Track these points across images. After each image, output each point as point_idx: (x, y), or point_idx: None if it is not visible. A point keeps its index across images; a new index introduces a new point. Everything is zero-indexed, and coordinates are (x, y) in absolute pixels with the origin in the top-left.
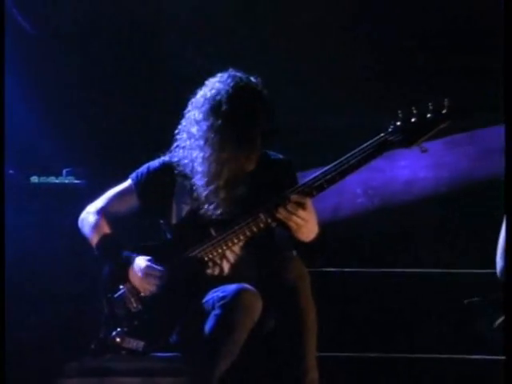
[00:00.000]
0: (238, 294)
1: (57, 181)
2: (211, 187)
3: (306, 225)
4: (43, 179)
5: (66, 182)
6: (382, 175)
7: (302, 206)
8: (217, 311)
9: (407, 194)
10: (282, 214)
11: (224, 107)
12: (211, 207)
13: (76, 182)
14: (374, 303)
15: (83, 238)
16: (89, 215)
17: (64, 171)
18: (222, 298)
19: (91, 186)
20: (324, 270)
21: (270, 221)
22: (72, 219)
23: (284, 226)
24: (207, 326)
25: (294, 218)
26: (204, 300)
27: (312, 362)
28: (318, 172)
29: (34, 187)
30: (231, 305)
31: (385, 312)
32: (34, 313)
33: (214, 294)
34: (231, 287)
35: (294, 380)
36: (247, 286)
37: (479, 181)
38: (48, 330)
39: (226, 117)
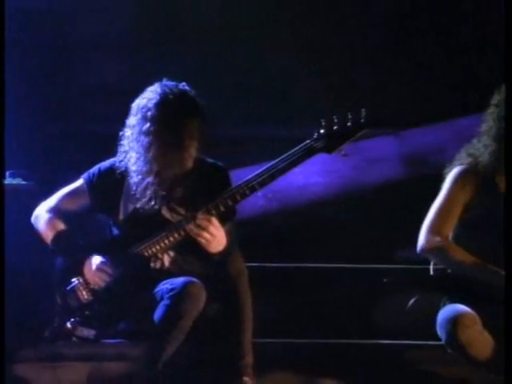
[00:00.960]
0: (186, 286)
1: (6, 182)
2: (143, 184)
3: (215, 239)
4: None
5: (14, 183)
6: (280, 180)
7: (209, 224)
8: (166, 301)
9: (301, 197)
10: (192, 231)
11: (151, 112)
12: (151, 206)
13: (23, 183)
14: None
15: (37, 234)
16: (42, 213)
17: (7, 173)
18: (171, 289)
19: (37, 186)
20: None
21: (183, 235)
22: (21, 217)
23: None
24: (157, 315)
25: (204, 234)
26: (154, 291)
27: (248, 347)
28: (250, 175)
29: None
30: (179, 296)
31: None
32: None
33: (164, 286)
34: (179, 280)
35: (231, 363)
36: (194, 279)
37: (365, 186)
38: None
39: (153, 120)
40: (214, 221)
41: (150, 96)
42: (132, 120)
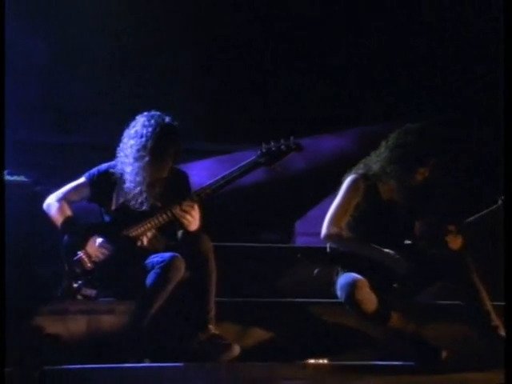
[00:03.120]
0: (172, 259)
1: (11, 178)
2: (136, 190)
3: (194, 220)
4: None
5: (21, 179)
6: None
7: (191, 208)
8: (157, 270)
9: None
10: (178, 213)
11: (145, 138)
12: (138, 202)
13: (25, 179)
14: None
15: (48, 218)
16: (53, 202)
17: (5, 172)
18: (161, 261)
19: (35, 182)
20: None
21: (171, 217)
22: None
23: (179, 222)
24: (149, 280)
25: (187, 216)
26: (144, 262)
27: (212, 304)
28: (210, 180)
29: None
30: (167, 266)
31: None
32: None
33: (154, 259)
34: (166, 254)
35: (200, 315)
36: (177, 254)
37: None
38: (20, 281)
39: (146, 145)
40: (196, 206)
41: (144, 124)
42: (129, 140)
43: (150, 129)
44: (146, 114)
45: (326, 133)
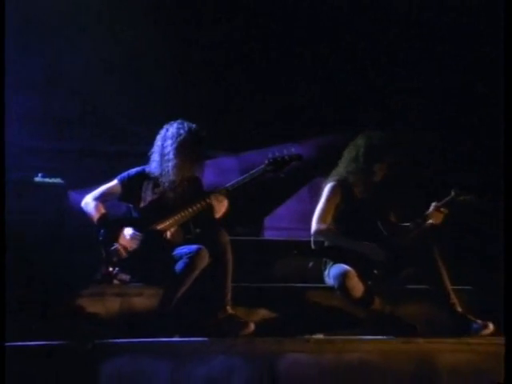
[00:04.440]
0: (198, 250)
1: (50, 180)
2: (166, 188)
3: (223, 209)
4: (41, 179)
5: (56, 181)
6: None
7: (223, 199)
8: (185, 259)
9: None
10: (213, 202)
11: (176, 145)
12: (166, 199)
13: (60, 181)
14: None
15: (86, 214)
16: (90, 201)
17: (39, 174)
18: (189, 252)
19: (68, 184)
20: None
21: (204, 206)
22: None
23: (211, 209)
24: (177, 267)
25: (219, 204)
26: (173, 253)
27: (229, 288)
28: (233, 181)
29: (38, 184)
30: (194, 256)
31: None
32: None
33: (182, 250)
34: (193, 247)
35: (218, 298)
36: (202, 246)
37: None
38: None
39: (177, 150)
40: (225, 198)
41: (174, 131)
42: (161, 146)
43: (179, 136)
44: (175, 122)
45: (290, 141)
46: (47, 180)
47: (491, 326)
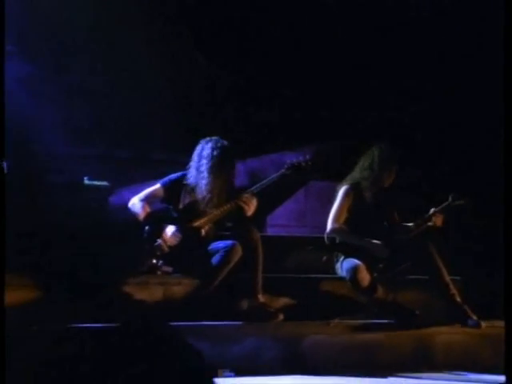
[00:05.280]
0: (234, 245)
1: (97, 183)
2: (203, 194)
3: (252, 208)
4: (91, 182)
5: (102, 183)
6: None
7: (252, 199)
8: (221, 253)
9: None
10: (244, 201)
11: (216, 161)
12: (203, 202)
13: (106, 184)
14: None
15: (133, 214)
16: (136, 202)
17: (85, 178)
18: (225, 247)
19: (113, 186)
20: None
21: (233, 206)
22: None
23: (242, 209)
24: (214, 260)
25: (249, 204)
26: (210, 247)
27: (260, 278)
28: (256, 185)
29: (87, 186)
30: (230, 250)
31: None
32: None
33: (219, 245)
34: (229, 242)
35: (251, 287)
36: (236, 242)
37: None
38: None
39: (215, 164)
40: (254, 198)
41: (208, 147)
42: (199, 159)
43: (212, 157)
44: (210, 141)
45: (288, 149)
46: (95, 182)
47: (483, 325)
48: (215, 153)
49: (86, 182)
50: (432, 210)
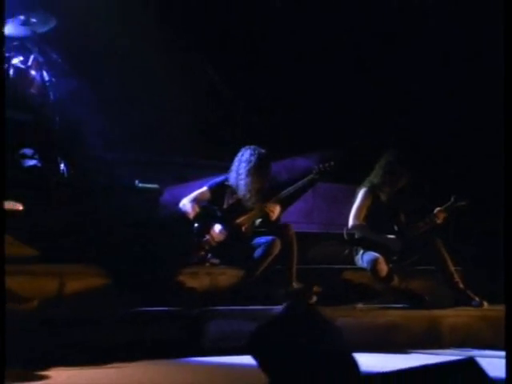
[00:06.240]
0: (274, 240)
1: (148, 185)
2: (244, 196)
3: (276, 214)
4: (143, 184)
5: (154, 186)
6: None
7: (275, 207)
8: (263, 247)
9: None
10: (269, 209)
11: (251, 164)
12: (244, 203)
13: (157, 186)
14: None
15: (184, 213)
16: (187, 202)
17: (137, 181)
18: (266, 242)
19: (162, 189)
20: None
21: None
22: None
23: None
24: (257, 253)
25: (274, 211)
26: (253, 242)
27: (295, 268)
28: (286, 190)
29: (139, 189)
30: (270, 245)
31: None
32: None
33: (260, 240)
34: (269, 237)
35: (287, 275)
36: (276, 237)
37: None
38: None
39: (251, 169)
40: (278, 205)
41: (248, 159)
42: (240, 165)
43: (250, 162)
44: (249, 148)
45: (299, 155)
46: (147, 185)
47: (486, 304)
48: (253, 158)
49: (139, 185)
50: (437, 210)
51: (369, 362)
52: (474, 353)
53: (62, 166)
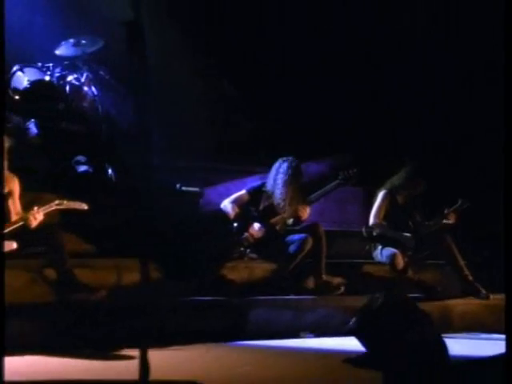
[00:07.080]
0: (306, 237)
1: (190, 189)
2: (279, 201)
3: (306, 216)
4: (186, 188)
5: (196, 189)
6: None
7: (306, 209)
8: (297, 243)
9: None
10: (300, 211)
11: (289, 176)
12: (279, 206)
13: (198, 190)
14: None
15: (225, 214)
16: (228, 204)
17: (178, 185)
18: (299, 239)
19: (203, 192)
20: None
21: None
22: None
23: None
24: (291, 249)
25: (305, 213)
26: (287, 239)
27: (324, 263)
28: (314, 193)
29: (182, 192)
30: (303, 241)
31: None
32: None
33: (294, 237)
34: (302, 235)
35: (317, 269)
36: (308, 235)
37: None
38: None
39: (288, 178)
40: (307, 208)
41: (286, 170)
42: (276, 174)
43: (287, 174)
44: (286, 160)
45: (311, 160)
46: (190, 189)
47: (491, 297)
48: (290, 171)
49: (182, 188)
50: (446, 211)
51: None
52: (481, 336)
53: (110, 171)
